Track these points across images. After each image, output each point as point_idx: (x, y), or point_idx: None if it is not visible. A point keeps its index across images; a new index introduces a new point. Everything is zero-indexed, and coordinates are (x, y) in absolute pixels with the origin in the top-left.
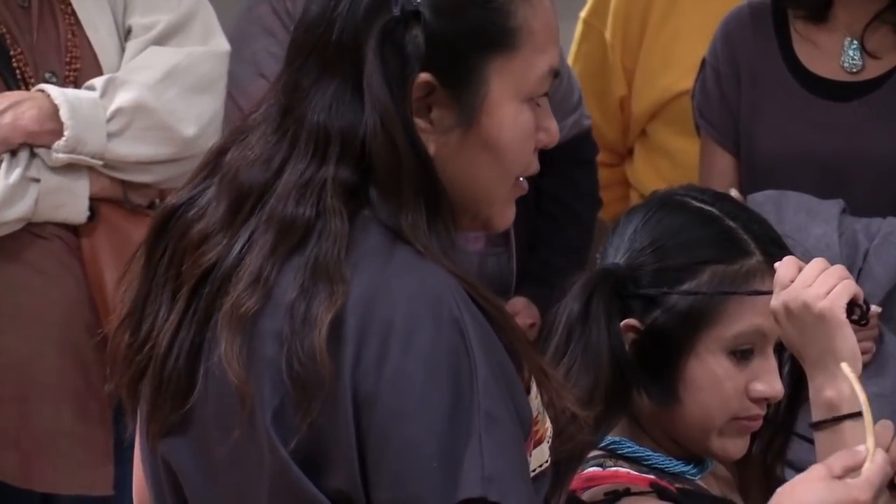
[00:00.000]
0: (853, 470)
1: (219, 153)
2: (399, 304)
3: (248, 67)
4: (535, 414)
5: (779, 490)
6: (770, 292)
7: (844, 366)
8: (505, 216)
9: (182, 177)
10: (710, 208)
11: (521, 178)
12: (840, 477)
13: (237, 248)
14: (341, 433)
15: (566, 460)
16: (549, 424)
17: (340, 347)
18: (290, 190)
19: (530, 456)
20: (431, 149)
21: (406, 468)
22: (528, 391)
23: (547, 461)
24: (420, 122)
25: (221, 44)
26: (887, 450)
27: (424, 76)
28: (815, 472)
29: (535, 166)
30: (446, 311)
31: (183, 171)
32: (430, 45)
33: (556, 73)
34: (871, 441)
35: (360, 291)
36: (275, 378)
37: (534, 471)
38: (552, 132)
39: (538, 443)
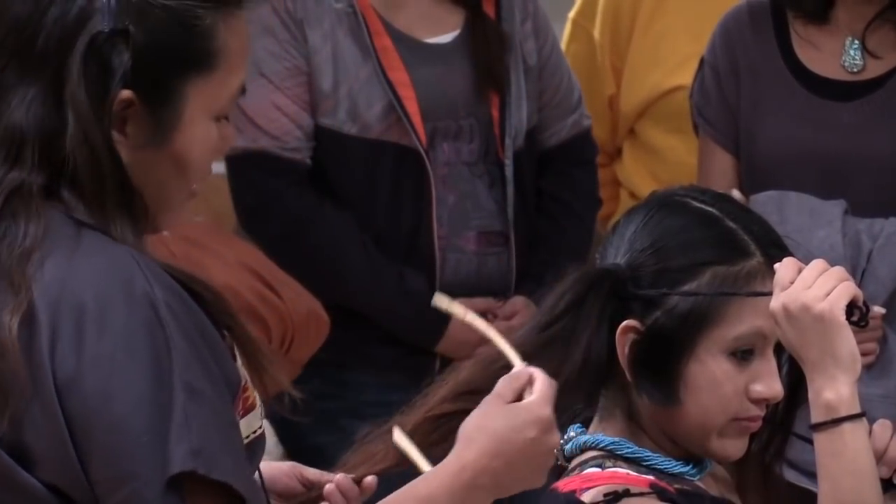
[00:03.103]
0: (521, 391)
1: None
2: (88, 285)
3: (249, 67)
4: (243, 382)
5: (462, 430)
6: (770, 293)
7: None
8: (175, 220)
9: None
10: (710, 209)
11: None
12: (514, 400)
13: None
14: (49, 421)
15: None
16: (256, 394)
17: (35, 337)
18: None
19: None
20: (123, 158)
21: (116, 446)
22: (235, 358)
23: (260, 427)
24: (115, 134)
25: None
26: (886, 449)
27: (126, 93)
28: (489, 402)
29: (209, 172)
30: (136, 286)
31: None
32: (135, 63)
33: (244, 90)
34: (517, 360)
35: (50, 278)
36: None
37: (247, 437)
38: (231, 141)
39: (248, 410)
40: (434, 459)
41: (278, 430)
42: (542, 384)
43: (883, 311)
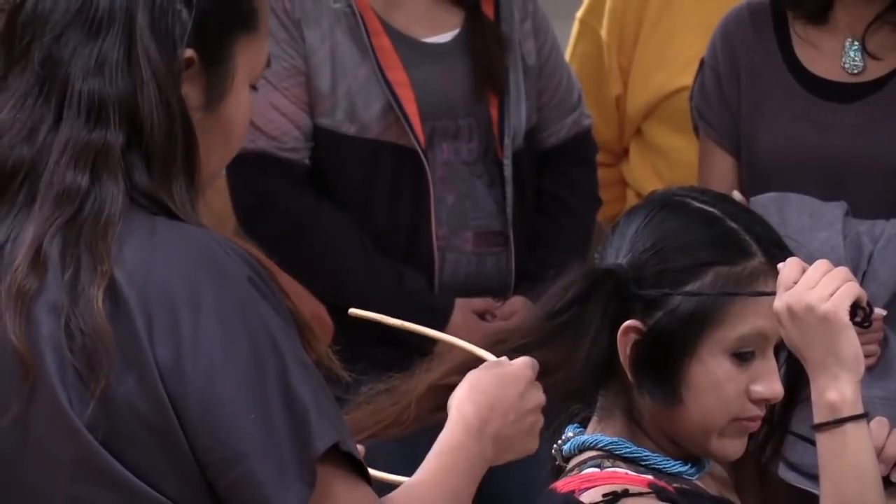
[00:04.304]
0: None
1: None
2: (174, 270)
3: None
4: None
5: (452, 401)
6: (773, 293)
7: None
8: (206, 199)
9: None
10: (711, 209)
11: None
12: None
13: (9, 222)
14: (154, 409)
15: None
16: None
17: (131, 321)
18: (66, 157)
19: None
20: None
21: (223, 426)
22: None
23: None
24: None
25: None
26: (883, 447)
27: (189, 52)
28: (472, 373)
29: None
30: (222, 266)
31: None
32: (195, 20)
33: (269, 62)
34: (488, 354)
35: (134, 263)
36: (57, 352)
37: None
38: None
39: None
40: (434, 426)
41: None
42: (520, 359)
43: (884, 312)
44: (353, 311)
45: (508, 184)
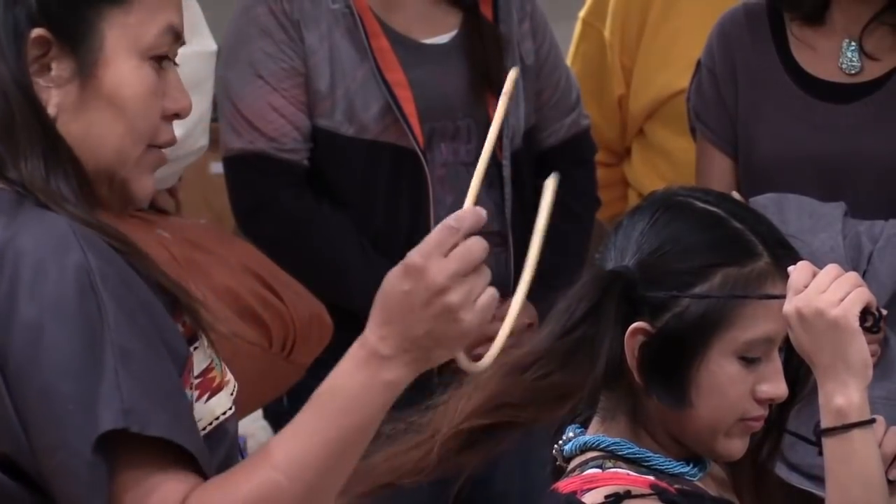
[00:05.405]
0: None
1: None
2: (25, 254)
3: (245, 68)
4: (208, 362)
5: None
6: (783, 297)
7: None
8: (143, 184)
9: (171, 177)
10: (715, 210)
11: (161, 149)
12: None
13: None
14: None
15: None
16: (230, 377)
17: None
18: None
19: (195, 395)
20: (53, 106)
21: (45, 415)
22: (195, 339)
23: (231, 409)
24: (40, 81)
25: (207, 44)
26: (879, 445)
27: (39, 31)
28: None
29: (167, 134)
30: (70, 255)
31: (171, 171)
32: (42, 1)
33: (179, 36)
34: None
35: None
36: None
37: (217, 418)
38: (181, 101)
39: (216, 391)
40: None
41: (277, 431)
42: (431, 234)
43: (884, 312)
44: None
45: (507, 184)
